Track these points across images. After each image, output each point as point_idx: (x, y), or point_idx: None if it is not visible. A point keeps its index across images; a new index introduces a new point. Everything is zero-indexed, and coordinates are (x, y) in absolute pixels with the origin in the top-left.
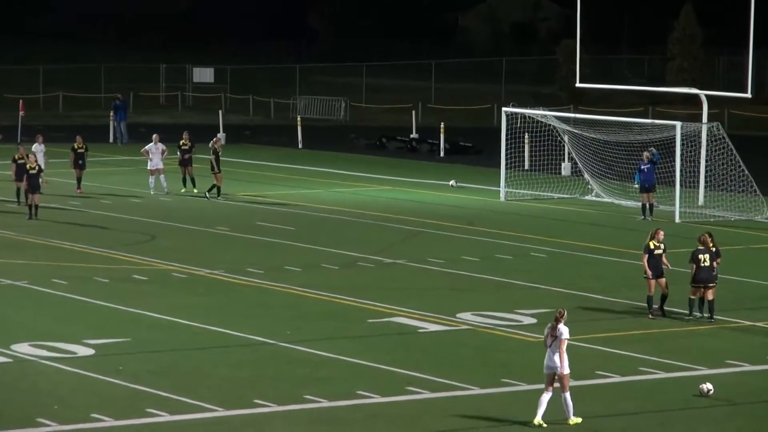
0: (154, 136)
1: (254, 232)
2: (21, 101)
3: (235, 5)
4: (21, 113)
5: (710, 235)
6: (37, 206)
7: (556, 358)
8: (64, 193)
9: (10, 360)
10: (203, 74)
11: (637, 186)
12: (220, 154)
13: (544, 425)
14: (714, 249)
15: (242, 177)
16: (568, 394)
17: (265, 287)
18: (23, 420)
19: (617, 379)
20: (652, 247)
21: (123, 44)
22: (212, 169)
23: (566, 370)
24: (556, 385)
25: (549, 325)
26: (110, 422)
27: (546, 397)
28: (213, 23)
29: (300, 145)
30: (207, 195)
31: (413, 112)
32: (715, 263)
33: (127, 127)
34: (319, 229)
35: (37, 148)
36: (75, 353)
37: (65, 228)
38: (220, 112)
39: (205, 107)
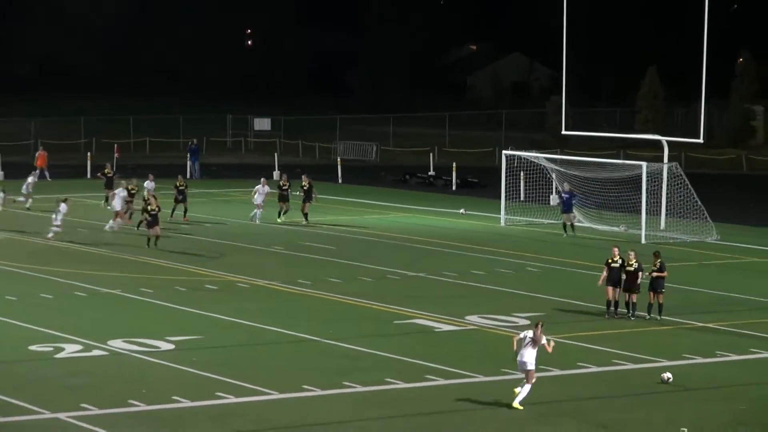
0: (263, 179)
1: (303, 250)
2: (116, 145)
3: (288, 68)
4: (116, 155)
5: (657, 254)
6: (157, 237)
7: (528, 357)
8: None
9: (107, 353)
10: (262, 123)
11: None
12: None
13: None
14: (659, 264)
15: (294, 207)
16: (529, 387)
17: (312, 295)
18: (118, 401)
19: (595, 369)
20: (609, 262)
21: (197, 99)
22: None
23: (533, 367)
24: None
25: (527, 332)
26: (187, 403)
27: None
28: (270, 82)
29: (340, 181)
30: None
31: (431, 154)
32: (664, 274)
33: (200, 166)
34: (355, 248)
35: (149, 185)
36: (159, 348)
37: (152, 247)
38: (276, 154)
39: (264, 150)
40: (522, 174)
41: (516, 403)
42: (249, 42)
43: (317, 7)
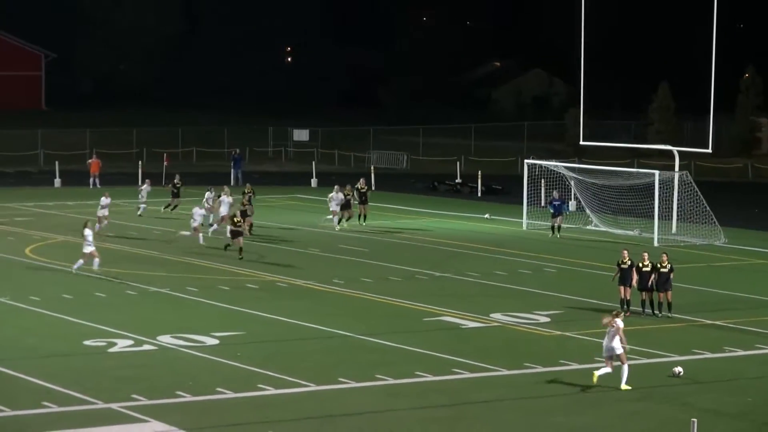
0: (336, 186)
1: (338, 252)
2: (165, 154)
3: (325, 82)
4: (165, 163)
5: (666, 256)
6: (241, 248)
7: (614, 343)
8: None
9: (156, 348)
10: (301, 134)
11: (551, 211)
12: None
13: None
14: (669, 265)
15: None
16: (626, 366)
17: (346, 294)
18: (166, 392)
19: None
20: (621, 263)
21: (241, 112)
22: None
23: (621, 350)
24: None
25: (608, 318)
26: (231, 395)
27: (606, 371)
28: (309, 96)
29: (373, 188)
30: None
31: (458, 163)
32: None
33: (243, 174)
34: (387, 250)
35: (225, 199)
36: (204, 343)
37: (197, 249)
38: (313, 162)
39: (302, 159)
40: (543, 181)
41: (624, 386)
42: (289, 59)
43: (352, 26)
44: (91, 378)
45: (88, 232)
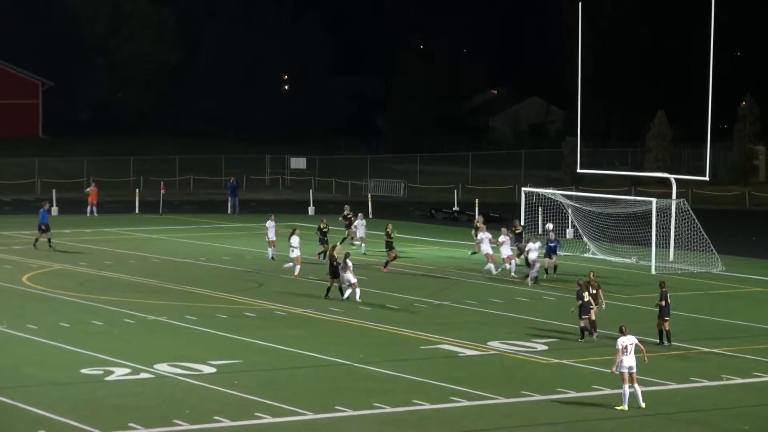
0: (504, 229)
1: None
2: (162, 182)
3: (322, 111)
4: (162, 191)
5: (662, 285)
6: (340, 287)
7: (633, 361)
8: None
9: (154, 376)
10: (298, 162)
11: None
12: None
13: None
14: (664, 291)
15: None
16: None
17: (344, 322)
18: (163, 421)
19: (608, 391)
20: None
21: (239, 139)
22: None
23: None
24: None
25: (624, 338)
26: (228, 423)
27: (627, 388)
28: (307, 124)
29: (370, 216)
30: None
31: (455, 191)
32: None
33: (239, 202)
34: (384, 278)
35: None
36: (201, 371)
37: (195, 277)
38: (311, 191)
39: (299, 187)
40: (540, 209)
41: (641, 405)
42: (286, 87)
43: (351, 55)
44: (88, 406)
45: (349, 263)
